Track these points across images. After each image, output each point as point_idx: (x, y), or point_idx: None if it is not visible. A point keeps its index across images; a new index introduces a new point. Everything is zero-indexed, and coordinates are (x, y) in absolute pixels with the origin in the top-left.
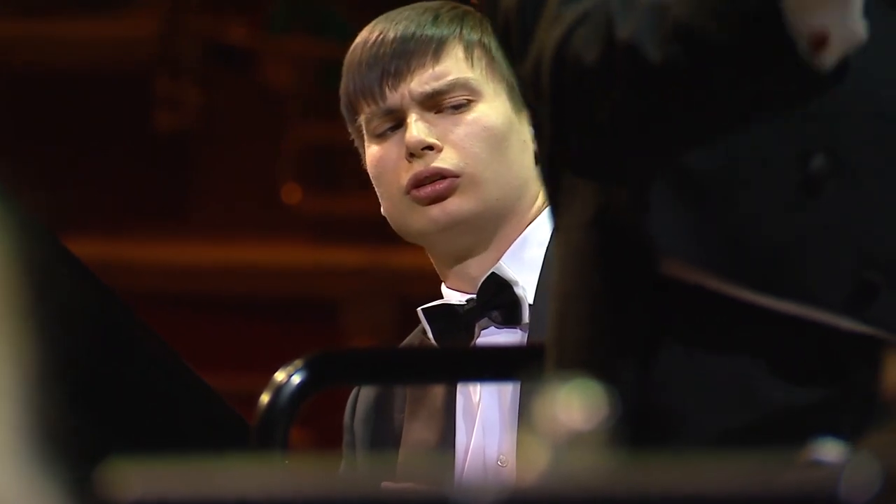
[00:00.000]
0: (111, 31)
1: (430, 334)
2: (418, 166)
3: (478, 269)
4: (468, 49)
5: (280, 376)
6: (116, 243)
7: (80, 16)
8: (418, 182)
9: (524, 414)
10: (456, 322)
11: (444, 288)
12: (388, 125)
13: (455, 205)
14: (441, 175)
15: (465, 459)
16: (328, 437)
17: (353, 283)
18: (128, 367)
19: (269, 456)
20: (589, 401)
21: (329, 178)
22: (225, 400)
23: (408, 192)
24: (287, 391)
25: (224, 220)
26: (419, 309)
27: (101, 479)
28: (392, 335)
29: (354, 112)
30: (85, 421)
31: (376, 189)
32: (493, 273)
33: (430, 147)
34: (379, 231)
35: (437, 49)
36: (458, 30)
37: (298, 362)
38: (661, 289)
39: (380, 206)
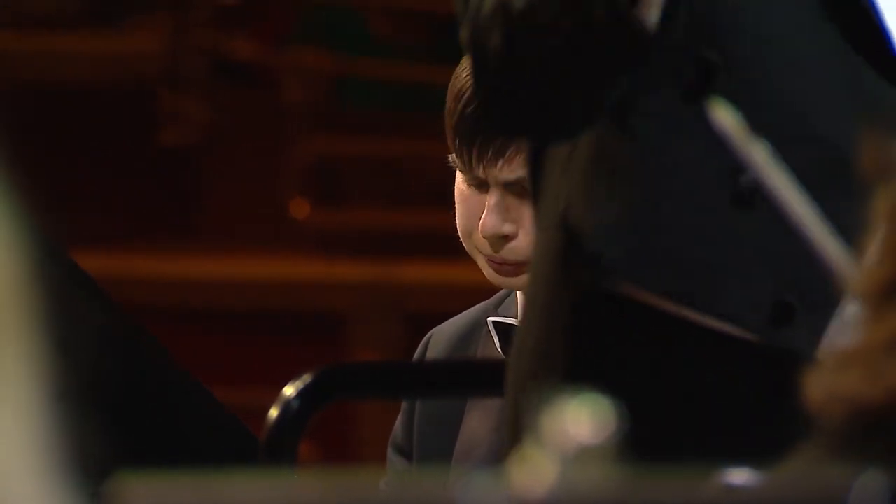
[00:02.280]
0: (117, 46)
1: (497, 343)
2: (491, 249)
3: None
4: None
5: (289, 390)
6: (122, 258)
7: (86, 30)
8: (490, 258)
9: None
10: None
11: (519, 295)
12: (473, 183)
13: (521, 281)
14: (510, 263)
15: None
16: (337, 451)
17: (360, 298)
18: (135, 381)
19: (277, 470)
20: (595, 414)
21: (336, 193)
22: (233, 414)
23: (480, 251)
24: (295, 405)
25: (230, 234)
26: (490, 320)
27: (109, 493)
28: (399, 349)
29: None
30: (92, 435)
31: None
32: None
33: (505, 235)
34: (386, 246)
35: None
36: None
37: (307, 376)
38: (605, 300)
39: (387, 221)
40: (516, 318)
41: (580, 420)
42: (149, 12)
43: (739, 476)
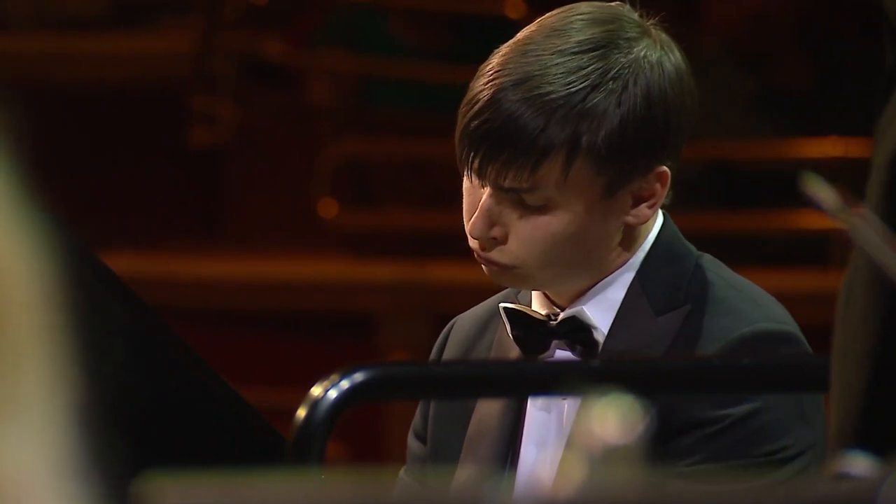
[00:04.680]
0: (147, 47)
1: (508, 329)
2: (479, 245)
3: (556, 297)
4: (570, 161)
5: (317, 391)
6: (152, 259)
7: (116, 31)
8: (478, 254)
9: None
10: (535, 332)
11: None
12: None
13: (507, 282)
14: (496, 264)
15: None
16: (365, 451)
17: (389, 298)
18: (164, 382)
19: (305, 470)
20: (625, 416)
21: (365, 193)
22: (261, 414)
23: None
24: (324, 405)
25: (260, 235)
26: (501, 306)
27: (137, 494)
28: (428, 350)
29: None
30: (121, 436)
31: None
32: (574, 316)
33: (493, 237)
34: (415, 246)
35: (536, 162)
36: (571, 133)
37: (335, 376)
38: None
39: (416, 221)
40: (530, 305)
41: (608, 421)
42: (179, 14)
43: (854, 464)
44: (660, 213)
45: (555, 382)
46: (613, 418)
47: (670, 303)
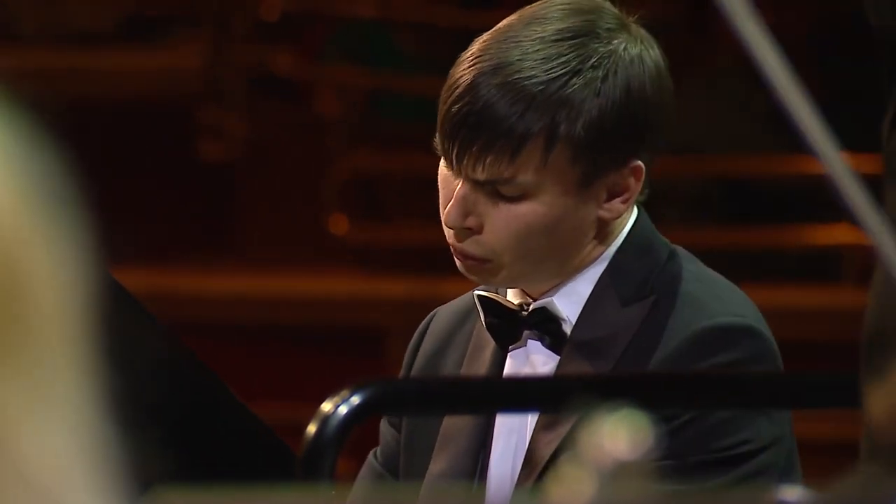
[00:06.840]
0: (157, 62)
1: (482, 317)
2: (454, 238)
3: (529, 289)
4: (548, 147)
5: (327, 406)
6: (161, 273)
7: (126, 46)
8: (454, 249)
9: (537, 440)
10: (508, 321)
11: None
12: (450, 168)
13: (481, 278)
14: (470, 257)
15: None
16: None
17: (399, 314)
18: (173, 396)
19: (315, 486)
20: (634, 431)
21: (375, 208)
22: (272, 430)
23: (448, 238)
24: (334, 421)
25: (269, 250)
26: (476, 294)
27: None
28: None
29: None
30: (130, 450)
31: None
32: (544, 307)
33: (468, 227)
34: (425, 261)
35: (515, 150)
36: (550, 120)
37: (345, 392)
38: None
39: (426, 236)
40: (506, 295)
41: (618, 436)
42: (188, 29)
43: (790, 493)
44: (634, 208)
45: (563, 398)
46: (623, 433)
47: (637, 293)
